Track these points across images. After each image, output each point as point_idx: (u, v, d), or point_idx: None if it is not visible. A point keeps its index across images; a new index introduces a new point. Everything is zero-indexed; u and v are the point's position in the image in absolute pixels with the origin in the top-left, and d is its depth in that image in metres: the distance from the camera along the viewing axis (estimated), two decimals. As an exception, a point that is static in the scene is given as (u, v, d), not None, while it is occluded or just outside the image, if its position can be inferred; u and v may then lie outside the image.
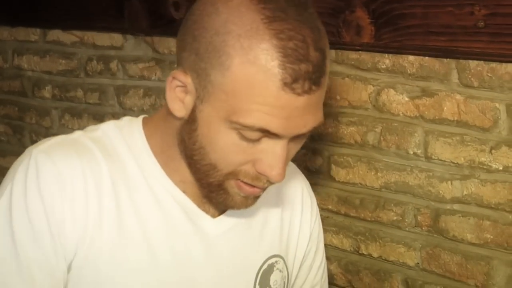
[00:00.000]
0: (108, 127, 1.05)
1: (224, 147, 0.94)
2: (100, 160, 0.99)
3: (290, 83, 0.88)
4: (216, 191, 0.99)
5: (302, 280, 1.23)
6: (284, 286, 1.16)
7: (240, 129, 0.91)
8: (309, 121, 0.93)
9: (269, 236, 1.14)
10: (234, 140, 0.93)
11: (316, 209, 1.24)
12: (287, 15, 0.89)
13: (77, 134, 1.04)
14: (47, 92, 2.14)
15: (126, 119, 1.08)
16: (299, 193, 1.21)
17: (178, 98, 0.96)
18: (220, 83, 0.90)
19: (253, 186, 0.97)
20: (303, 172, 1.27)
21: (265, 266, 1.12)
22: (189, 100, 0.95)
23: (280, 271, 1.15)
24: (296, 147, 0.98)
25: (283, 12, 0.89)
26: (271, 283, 1.13)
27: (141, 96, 1.94)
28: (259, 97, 0.89)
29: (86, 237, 0.96)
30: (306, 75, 0.88)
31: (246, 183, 0.97)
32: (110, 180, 0.99)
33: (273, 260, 1.14)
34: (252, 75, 0.88)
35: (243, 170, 0.96)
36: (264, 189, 1.00)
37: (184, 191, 1.04)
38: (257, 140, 0.93)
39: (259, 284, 1.11)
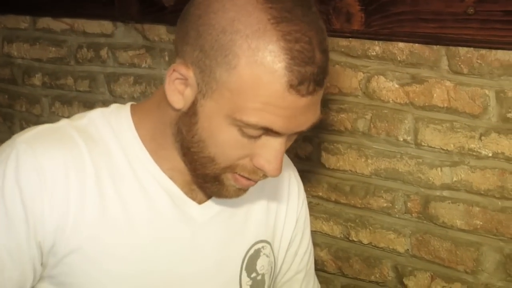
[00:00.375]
0: (95, 114, 1.05)
1: (224, 142, 0.94)
2: (83, 149, 0.99)
3: (296, 85, 0.89)
4: (211, 182, 1.00)
5: (287, 266, 1.23)
6: (271, 271, 1.16)
7: (243, 126, 0.92)
8: (309, 119, 0.94)
9: (256, 221, 1.14)
10: (235, 136, 0.93)
11: (303, 196, 1.24)
12: (294, 15, 0.89)
13: (62, 122, 1.04)
14: (37, 79, 2.13)
15: (113, 106, 1.07)
16: (286, 179, 1.21)
17: (177, 90, 0.95)
18: (225, 81, 0.90)
19: (249, 179, 0.98)
20: (293, 160, 1.28)
21: (251, 252, 1.13)
22: (189, 93, 0.95)
23: (267, 256, 1.15)
24: (291, 141, 1.00)
25: (289, 12, 0.89)
26: (257, 268, 1.13)
27: (132, 84, 1.93)
28: (264, 97, 0.89)
29: (67, 227, 0.96)
30: (312, 77, 0.89)
31: (242, 176, 0.98)
32: (93, 168, 0.99)
33: (259, 245, 1.14)
34: (259, 76, 0.88)
35: (241, 164, 0.97)
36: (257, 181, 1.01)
37: (171, 178, 1.04)
38: (258, 136, 0.94)
39: (245, 269, 1.12)
